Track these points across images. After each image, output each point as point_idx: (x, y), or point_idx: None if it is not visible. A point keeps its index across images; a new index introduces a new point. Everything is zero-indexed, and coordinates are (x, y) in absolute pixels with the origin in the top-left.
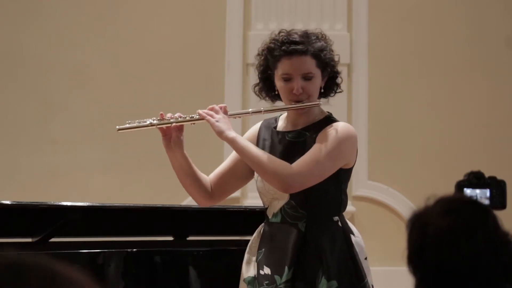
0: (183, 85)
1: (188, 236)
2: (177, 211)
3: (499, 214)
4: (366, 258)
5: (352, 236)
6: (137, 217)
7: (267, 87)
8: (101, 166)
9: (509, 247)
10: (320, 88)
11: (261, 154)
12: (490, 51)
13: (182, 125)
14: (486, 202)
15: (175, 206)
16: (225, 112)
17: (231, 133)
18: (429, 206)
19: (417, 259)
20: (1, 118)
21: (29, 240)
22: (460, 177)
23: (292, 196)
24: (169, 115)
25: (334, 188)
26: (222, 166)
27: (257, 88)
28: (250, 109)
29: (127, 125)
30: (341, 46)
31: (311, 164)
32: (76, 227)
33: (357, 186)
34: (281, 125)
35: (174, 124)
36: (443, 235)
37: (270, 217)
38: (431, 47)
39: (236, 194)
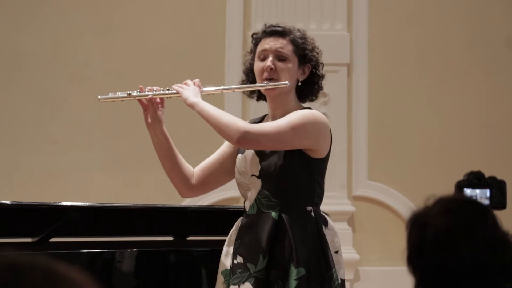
0: None
1: (188, 236)
2: (177, 211)
3: (499, 214)
4: (337, 252)
5: (324, 227)
6: (137, 217)
7: (249, 80)
8: (101, 166)
9: (508, 247)
10: (298, 81)
11: (218, 110)
12: (490, 51)
13: (162, 101)
14: (486, 202)
15: (175, 206)
16: (198, 86)
17: (194, 99)
18: (429, 206)
19: (416, 259)
20: (1, 118)
21: (29, 240)
22: (460, 177)
23: (264, 185)
24: (148, 88)
25: (306, 177)
26: (209, 159)
27: (240, 82)
28: (222, 87)
29: (109, 96)
30: (341, 46)
31: (271, 126)
32: (76, 227)
33: (357, 186)
34: (264, 120)
35: (150, 96)
36: (442, 235)
37: (247, 209)
38: (431, 47)
39: (236, 194)
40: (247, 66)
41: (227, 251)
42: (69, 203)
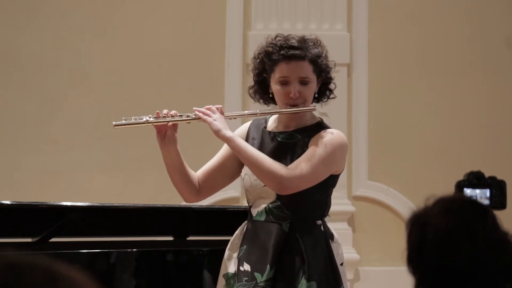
0: (183, 85)
1: (188, 236)
2: (177, 211)
3: (499, 214)
4: (342, 264)
5: (331, 241)
6: (137, 217)
7: (261, 89)
8: (101, 166)
9: (508, 247)
10: (314, 93)
11: (258, 154)
12: (490, 51)
13: (177, 123)
14: (486, 202)
15: (175, 206)
16: (222, 113)
17: (228, 132)
18: (429, 206)
19: (416, 259)
20: (1, 118)
21: (29, 240)
22: (460, 177)
23: (279, 196)
24: (165, 111)
25: (320, 192)
26: (211, 163)
27: (252, 90)
28: (246, 111)
29: (124, 121)
30: (341, 46)
31: (306, 167)
32: (76, 227)
33: (357, 186)
34: (271, 125)
35: (170, 124)
36: (442, 235)
37: (254, 215)
38: (431, 47)
39: (236, 194)
40: (258, 77)
41: (230, 255)
42: (69, 203)
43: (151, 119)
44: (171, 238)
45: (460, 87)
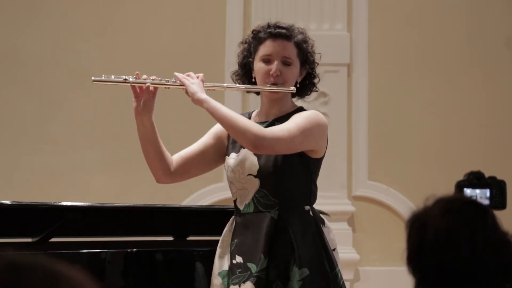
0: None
1: (188, 236)
2: (177, 211)
3: (499, 214)
4: (334, 250)
5: (322, 226)
6: (137, 217)
7: (245, 73)
8: (101, 166)
9: (508, 247)
10: (296, 83)
11: (233, 113)
12: (490, 51)
13: (155, 90)
14: (486, 202)
15: (175, 206)
16: (202, 81)
17: (204, 95)
18: (428, 206)
19: (416, 259)
20: (1, 118)
21: (29, 240)
22: (460, 177)
23: (262, 184)
24: (144, 76)
25: (304, 177)
26: (191, 147)
27: (234, 74)
28: (225, 84)
29: (103, 78)
30: (341, 46)
31: (283, 131)
32: (76, 227)
33: (357, 186)
34: (254, 117)
35: (148, 84)
36: (442, 235)
37: (242, 208)
38: (431, 47)
39: None
40: (242, 60)
41: (222, 252)
42: (69, 203)
43: (131, 79)
44: (171, 238)
45: (460, 87)
